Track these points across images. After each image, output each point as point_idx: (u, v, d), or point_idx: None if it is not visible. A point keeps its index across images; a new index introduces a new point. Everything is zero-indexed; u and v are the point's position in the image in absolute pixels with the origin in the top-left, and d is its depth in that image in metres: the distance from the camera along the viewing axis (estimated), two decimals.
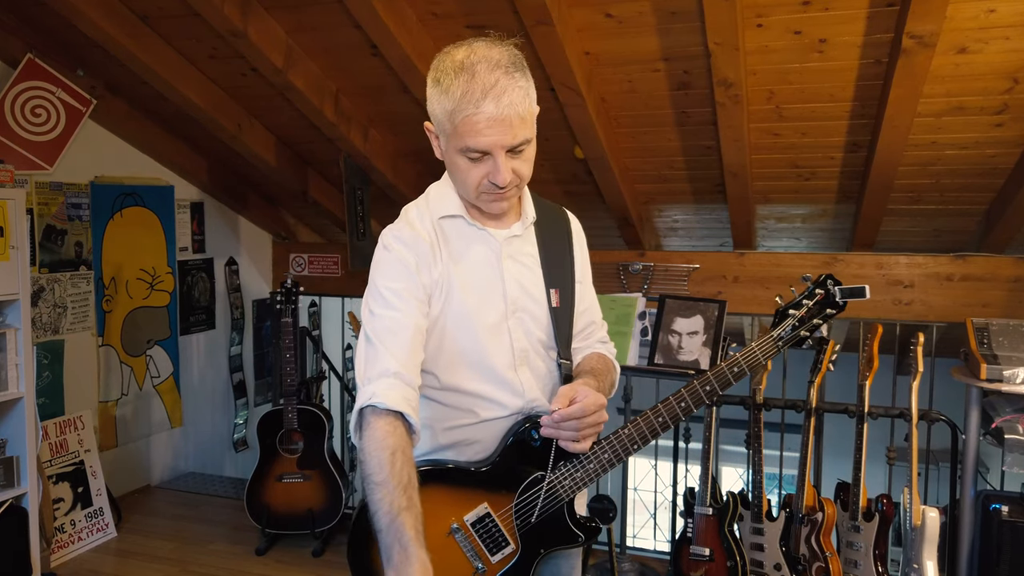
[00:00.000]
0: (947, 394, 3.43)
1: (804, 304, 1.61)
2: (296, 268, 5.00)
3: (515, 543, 1.44)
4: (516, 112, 1.30)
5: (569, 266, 1.55)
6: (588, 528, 1.49)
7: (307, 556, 3.57)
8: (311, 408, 3.66)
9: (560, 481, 1.44)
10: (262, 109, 3.84)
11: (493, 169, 1.34)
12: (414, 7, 2.93)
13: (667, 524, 4.53)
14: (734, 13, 2.57)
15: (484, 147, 1.32)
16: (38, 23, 3.36)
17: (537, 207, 1.55)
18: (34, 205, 3.65)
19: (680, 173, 3.68)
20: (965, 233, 3.75)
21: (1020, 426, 2.90)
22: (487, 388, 1.45)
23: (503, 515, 1.45)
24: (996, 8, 2.51)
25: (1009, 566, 2.87)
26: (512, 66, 1.32)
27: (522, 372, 1.47)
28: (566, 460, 1.44)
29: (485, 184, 1.37)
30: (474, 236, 1.47)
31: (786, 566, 2.98)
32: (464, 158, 1.35)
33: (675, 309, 3.43)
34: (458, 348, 1.45)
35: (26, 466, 2.98)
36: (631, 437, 1.46)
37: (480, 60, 1.30)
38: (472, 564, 1.44)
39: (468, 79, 1.29)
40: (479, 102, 1.28)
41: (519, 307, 1.47)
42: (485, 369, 1.45)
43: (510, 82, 1.30)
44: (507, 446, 1.45)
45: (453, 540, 1.43)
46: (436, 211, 1.48)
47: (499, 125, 1.30)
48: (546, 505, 1.45)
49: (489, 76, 1.29)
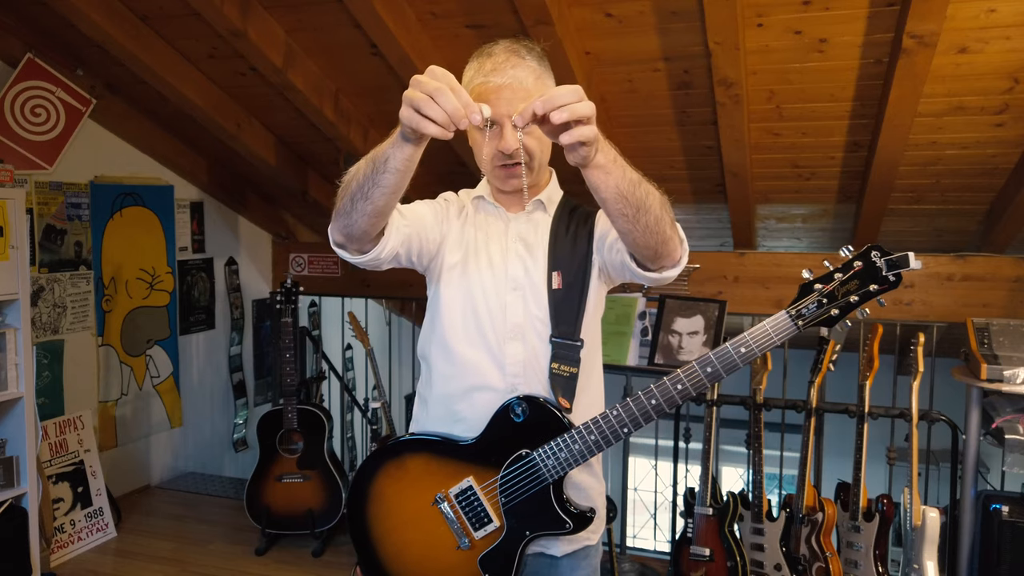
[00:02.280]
0: (947, 394, 3.43)
1: (835, 277, 1.38)
2: (296, 268, 5.00)
3: (499, 520, 1.45)
4: (521, 84, 1.43)
5: (581, 253, 1.54)
6: (578, 516, 1.45)
7: (307, 556, 3.57)
8: (311, 408, 3.66)
9: (544, 460, 1.43)
10: (262, 109, 3.84)
11: (501, 138, 1.43)
12: (413, 7, 2.93)
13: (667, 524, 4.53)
14: (734, 13, 2.56)
15: (491, 115, 1.36)
16: (38, 23, 3.36)
17: (566, 208, 1.61)
18: (34, 205, 3.65)
19: (680, 173, 3.68)
20: (966, 233, 3.75)
21: (1020, 426, 2.90)
22: (475, 356, 1.51)
23: (487, 490, 1.46)
24: (996, 8, 2.51)
25: (1009, 566, 2.87)
26: (528, 53, 1.47)
27: (511, 345, 1.50)
28: (552, 438, 1.43)
29: (496, 156, 1.47)
30: (491, 213, 1.61)
31: (786, 566, 2.98)
32: (478, 131, 1.47)
33: (675, 309, 3.43)
34: (455, 317, 1.53)
35: (26, 466, 2.98)
36: (620, 419, 1.41)
37: (501, 46, 1.48)
38: (457, 539, 1.47)
39: (484, 59, 1.48)
40: (489, 73, 1.44)
41: (519, 284, 1.53)
42: (477, 339, 1.52)
43: (520, 62, 1.45)
44: (492, 420, 1.46)
45: (438, 511, 1.48)
46: (471, 193, 1.64)
47: (504, 93, 1.42)
48: (530, 483, 1.44)
49: (502, 55, 1.45)
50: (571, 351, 1.50)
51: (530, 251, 1.55)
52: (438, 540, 1.48)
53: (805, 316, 1.38)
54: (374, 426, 3.93)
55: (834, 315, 1.37)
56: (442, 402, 1.55)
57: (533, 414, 1.44)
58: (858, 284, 1.37)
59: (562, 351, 1.50)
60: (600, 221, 1.56)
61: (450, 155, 3.82)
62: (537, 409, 1.45)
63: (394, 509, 1.52)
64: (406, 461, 1.53)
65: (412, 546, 1.51)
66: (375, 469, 1.55)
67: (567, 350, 1.50)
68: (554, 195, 1.62)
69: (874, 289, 1.36)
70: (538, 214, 1.59)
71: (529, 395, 1.46)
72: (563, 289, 1.52)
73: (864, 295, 1.36)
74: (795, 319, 1.38)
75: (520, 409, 1.44)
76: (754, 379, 3.10)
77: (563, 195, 1.65)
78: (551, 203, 1.60)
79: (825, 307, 1.38)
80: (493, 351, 1.51)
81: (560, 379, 1.49)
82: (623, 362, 3.36)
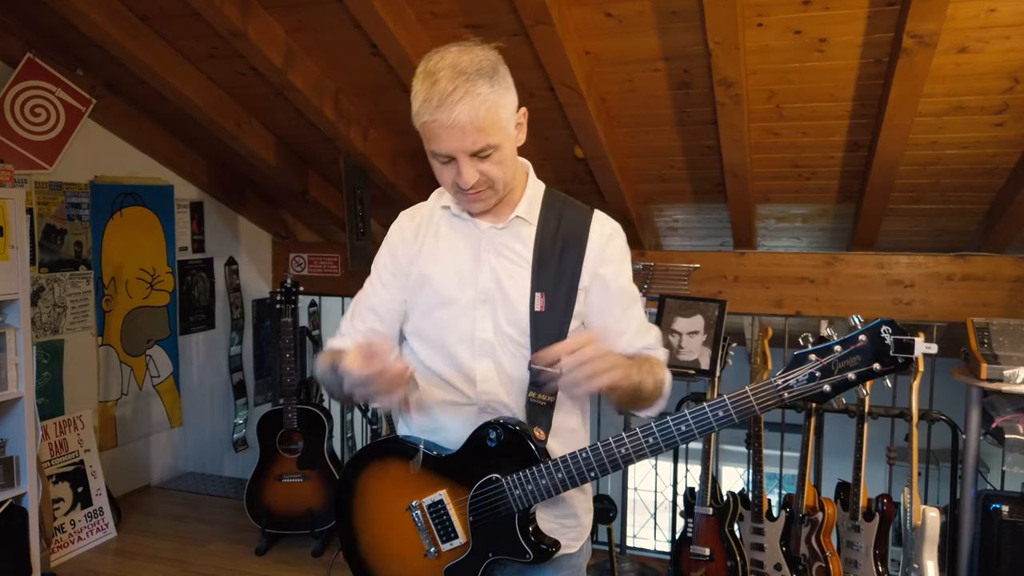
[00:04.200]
0: (947, 394, 3.43)
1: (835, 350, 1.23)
2: (296, 268, 5.00)
3: (466, 537, 1.45)
4: (470, 120, 1.30)
5: (568, 272, 1.46)
6: (540, 548, 1.42)
7: (307, 556, 3.57)
8: (311, 408, 3.66)
9: (511, 489, 1.40)
10: (262, 109, 3.84)
11: (458, 172, 1.37)
12: (413, 6, 2.93)
13: (667, 524, 4.53)
14: (734, 12, 2.56)
15: (444, 152, 1.36)
16: (37, 23, 3.36)
17: (554, 206, 1.51)
18: (34, 205, 3.65)
19: (680, 173, 3.67)
20: (966, 233, 3.75)
21: (1020, 426, 2.90)
22: (446, 371, 1.48)
23: (457, 506, 1.46)
24: (996, 8, 2.50)
25: (1009, 566, 2.87)
26: (477, 74, 1.31)
27: (481, 362, 1.46)
28: (521, 468, 1.40)
29: (456, 185, 1.41)
30: (459, 226, 1.52)
31: (786, 566, 2.98)
32: (435, 160, 1.40)
33: (675, 309, 3.43)
34: (426, 328, 1.51)
35: (26, 466, 2.98)
36: (588, 462, 1.36)
37: (446, 67, 1.31)
38: (425, 546, 1.48)
39: (430, 86, 1.31)
40: (435, 110, 1.31)
41: (488, 298, 1.46)
42: (446, 353, 1.48)
43: (469, 89, 1.30)
44: (469, 440, 1.45)
45: (409, 517, 1.49)
46: (441, 200, 1.56)
47: (453, 132, 1.32)
48: (496, 508, 1.42)
49: (448, 84, 1.30)
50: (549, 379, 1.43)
51: (507, 264, 1.47)
52: (409, 544, 1.49)
53: (793, 388, 1.25)
54: (374, 426, 3.93)
55: (826, 391, 1.24)
56: (422, 410, 1.52)
57: (506, 440, 1.41)
58: (859, 361, 1.22)
59: (540, 378, 1.42)
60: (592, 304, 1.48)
61: None
62: (511, 436, 1.42)
63: (374, 506, 1.54)
64: (389, 462, 1.54)
65: (387, 544, 1.53)
66: (364, 463, 1.57)
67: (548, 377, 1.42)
68: (534, 197, 1.51)
69: (877, 369, 1.21)
70: (518, 227, 1.49)
71: (507, 421, 1.43)
72: (545, 312, 1.45)
73: (864, 374, 1.22)
74: (777, 391, 1.26)
75: (495, 434, 1.42)
76: (754, 379, 3.10)
77: (544, 189, 1.54)
78: (532, 211, 1.49)
79: (817, 381, 1.24)
80: (463, 367, 1.46)
81: (536, 408, 1.44)
82: None
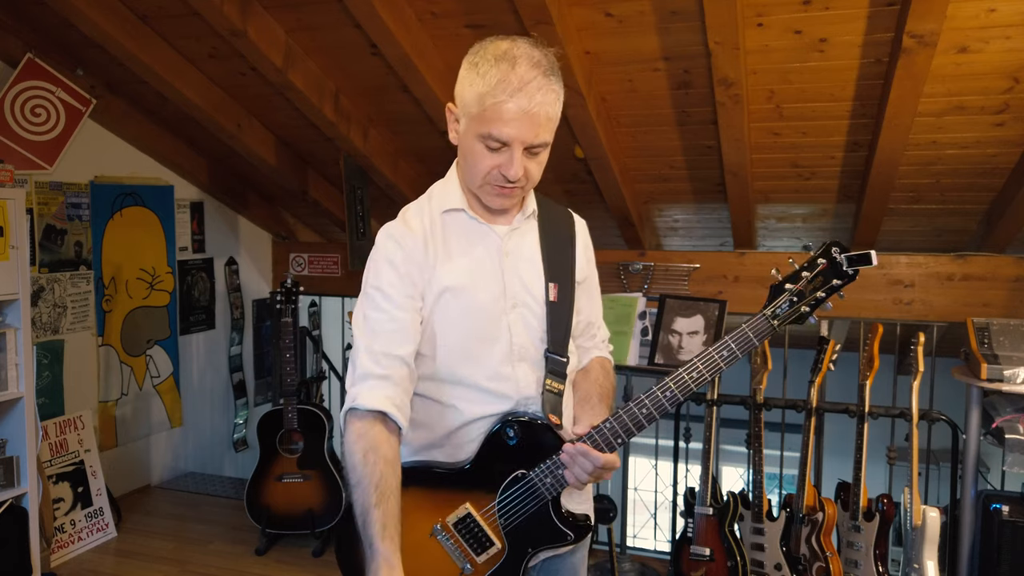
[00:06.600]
0: (947, 394, 3.43)
1: (803, 276, 1.44)
2: (296, 268, 5.00)
3: (500, 542, 1.43)
4: (545, 112, 1.33)
5: (569, 264, 1.51)
6: (578, 526, 1.45)
7: (307, 556, 3.57)
8: (311, 408, 3.66)
9: (541, 479, 1.41)
10: (262, 108, 3.84)
11: (507, 161, 1.35)
12: (413, 6, 2.93)
13: (667, 524, 4.53)
14: (734, 12, 2.56)
15: (506, 138, 1.33)
16: (37, 23, 3.35)
17: (541, 204, 1.54)
18: (34, 205, 3.65)
19: (680, 172, 3.67)
20: (966, 233, 3.75)
21: (1020, 426, 2.90)
22: (482, 381, 1.43)
23: (486, 514, 1.43)
24: (997, 7, 2.50)
25: (1009, 566, 2.87)
26: (550, 70, 1.35)
27: (520, 368, 1.45)
28: (546, 456, 1.41)
29: (494, 175, 1.37)
30: (475, 230, 1.46)
31: (786, 566, 2.98)
32: (482, 144, 1.35)
33: (675, 309, 3.43)
34: (454, 344, 1.43)
35: (26, 466, 2.98)
36: (614, 431, 1.39)
37: (523, 55, 1.33)
38: (459, 565, 1.43)
39: (508, 68, 1.31)
40: (514, 92, 1.30)
41: (519, 302, 1.45)
42: (481, 366, 1.43)
43: (546, 83, 1.33)
44: (484, 445, 1.43)
45: (436, 541, 1.43)
46: (439, 206, 1.47)
47: (526, 120, 1.32)
48: (528, 503, 1.42)
49: (528, 72, 1.32)
50: (560, 367, 1.47)
51: (525, 264, 1.48)
52: (440, 570, 1.43)
53: (780, 316, 1.45)
54: None
55: (804, 312, 1.44)
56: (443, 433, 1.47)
57: (525, 434, 1.42)
58: (823, 281, 1.44)
59: (554, 366, 1.46)
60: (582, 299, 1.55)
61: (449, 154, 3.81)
62: (529, 429, 1.42)
63: None
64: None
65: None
66: None
67: (558, 365, 1.46)
68: (533, 200, 1.54)
69: (836, 284, 1.43)
70: (528, 223, 1.52)
71: (518, 415, 1.43)
72: (558, 302, 1.47)
73: (829, 290, 1.43)
74: (769, 319, 1.44)
75: (512, 432, 1.42)
76: (754, 379, 3.10)
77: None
78: (532, 207, 1.53)
79: (796, 305, 1.44)
80: (500, 373, 1.43)
81: (551, 395, 1.45)
82: (623, 362, 3.37)
